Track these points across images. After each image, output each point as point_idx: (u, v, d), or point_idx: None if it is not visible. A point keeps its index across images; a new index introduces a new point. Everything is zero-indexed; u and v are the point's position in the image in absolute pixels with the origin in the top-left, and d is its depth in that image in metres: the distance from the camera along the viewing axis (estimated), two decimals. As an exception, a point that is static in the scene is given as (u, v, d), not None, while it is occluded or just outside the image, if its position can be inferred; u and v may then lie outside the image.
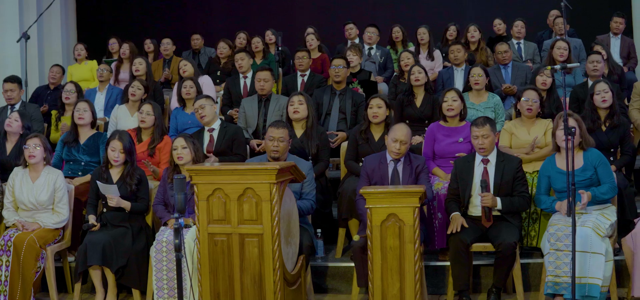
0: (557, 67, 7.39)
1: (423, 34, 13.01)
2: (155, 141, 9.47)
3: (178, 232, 5.91)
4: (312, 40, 13.13)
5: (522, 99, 8.93)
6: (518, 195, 7.84)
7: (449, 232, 7.70)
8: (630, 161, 9.05)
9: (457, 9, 16.35)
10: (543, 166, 8.00)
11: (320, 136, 9.23)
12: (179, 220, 5.93)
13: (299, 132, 9.19)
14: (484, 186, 7.72)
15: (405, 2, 16.77)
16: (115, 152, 8.44)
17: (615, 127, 8.84)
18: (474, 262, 8.26)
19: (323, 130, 9.48)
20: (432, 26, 13.65)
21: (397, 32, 13.72)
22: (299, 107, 9.19)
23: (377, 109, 8.98)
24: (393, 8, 16.66)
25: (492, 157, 7.97)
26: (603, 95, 8.89)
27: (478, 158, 8.01)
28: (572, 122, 7.67)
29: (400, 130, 8.00)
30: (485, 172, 7.92)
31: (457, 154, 8.60)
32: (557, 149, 7.87)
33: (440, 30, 13.97)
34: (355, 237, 7.99)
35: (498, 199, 7.75)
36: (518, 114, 9.14)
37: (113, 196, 8.27)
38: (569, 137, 6.90)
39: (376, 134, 9.02)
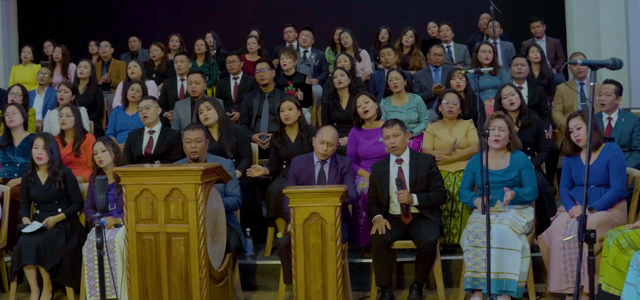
0: (472, 71, 7.64)
1: (346, 38, 13.18)
2: (77, 141, 9.66)
3: (100, 231, 6.10)
4: (253, 43, 13.30)
5: (443, 101, 9.17)
6: (434, 190, 8.09)
7: (372, 232, 7.91)
8: (547, 157, 9.33)
9: (393, 11, 16.53)
10: (471, 162, 8.26)
11: (237, 134, 9.38)
12: (101, 219, 6.13)
13: (215, 135, 9.31)
14: (399, 184, 7.94)
15: (344, 5, 16.96)
16: (38, 149, 8.56)
17: (527, 126, 9.12)
18: (398, 259, 8.54)
19: (238, 128, 9.67)
20: (369, 28, 13.89)
21: (338, 34, 13.88)
22: (207, 113, 9.31)
23: (288, 112, 9.16)
24: (332, 11, 16.80)
25: (406, 157, 8.22)
26: (510, 99, 9.19)
27: (392, 159, 8.24)
28: (502, 123, 8.01)
29: (327, 133, 8.21)
30: (400, 171, 8.16)
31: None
32: (486, 147, 8.13)
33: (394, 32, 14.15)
34: (279, 235, 8.24)
35: (414, 196, 7.98)
36: (441, 115, 9.35)
37: (44, 224, 8.42)
38: (484, 137, 7.15)
39: (291, 135, 9.22)
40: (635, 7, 13.11)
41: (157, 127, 9.69)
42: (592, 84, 5.32)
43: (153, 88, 11.87)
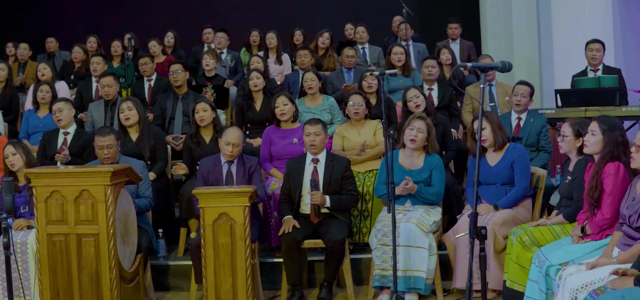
0: (376, 73, 7.79)
1: (271, 38, 13.23)
2: None
3: (7, 232, 6.14)
4: (154, 46, 13.38)
5: (349, 103, 9.32)
6: (346, 194, 8.23)
7: (280, 233, 8.04)
8: (454, 156, 9.49)
9: (308, 14, 16.71)
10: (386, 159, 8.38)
11: (155, 136, 9.41)
12: (8, 220, 6.16)
13: (134, 136, 9.32)
14: (314, 185, 8.07)
15: (260, 7, 17.03)
16: None
17: (434, 126, 9.21)
18: (309, 258, 8.67)
19: (157, 131, 9.69)
20: (286, 31, 14.00)
21: (255, 36, 13.98)
22: (129, 113, 9.30)
23: (202, 113, 9.22)
24: (248, 13, 16.89)
25: (322, 157, 8.34)
26: (415, 101, 9.31)
27: (309, 158, 8.36)
28: (421, 125, 8.18)
29: (233, 134, 8.29)
30: (315, 171, 8.28)
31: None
32: (403, 145, 8.31)
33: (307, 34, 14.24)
34: (193, 235, 8.32)
35: (327, 197, 8.12)
36: (348, 117, 9.49)
37: None
38: (389, 138, 7.31)
39: (206, 136, 9.27)
40: (546, 11, 13.37)
41: (72, 129, 9.70)
42: (482, 86, 5.45)
43: (63, 89, 11.82)
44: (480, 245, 5.42)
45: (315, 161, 8.34)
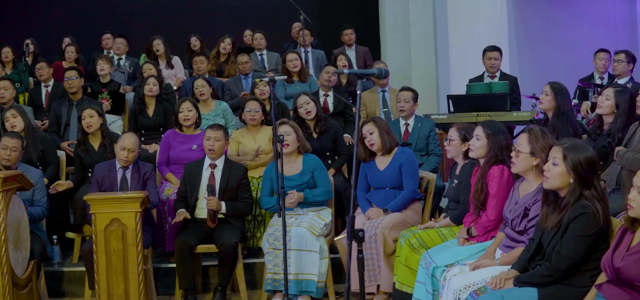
0: (266, 79, 7.90)
1: (158, 45, 13.19)
2: None
3: None
4: (71, 51, 13.26)
5: (245, 109, 9.41)
6: (242, 201, 8.33)
7: (173, 222, 8.18)
8: (347, 161, 9.63)
9: (209, 20, 16.77)
10: (266, 170, 8.51)
11: (43, 141, 9.35)
12: None
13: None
14: (210, 190, 8.15)
15: (160, 14, 17.05)
16: None
17: (325, 131, 9.41)
18: (204, 263, 8.74)
19: (45, 135, 9.64)
20: (185, 36, 14.08)
21: (157, 45, 13.98)
22: (13, 121, 9.23)
23: (89, 119, 9.14)
24: (151, 19, 16.92)
25: (220, 163, 8.41)
26: (306, 108, 9.41)
27: (206, 163, 8.43)
28: (288, 129, 8.24)
29: (128, 139, 8.30)
30: (212, 176, 8.35)
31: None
32: (278, 155, 8.40)
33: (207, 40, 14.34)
34: (87, 232, 8.28)
35: (223, 203, 8.19)
36: (245, 122, 9.56)
37: None
38: (279, 144, 7.45)
39: (95, 143, 9.22)
40: (443, 18, 13.59)
41: None
42: (358, 92, 5.55)
43: None
44: (358, 248, 5.54)
45: (213, 166, 8.40)
